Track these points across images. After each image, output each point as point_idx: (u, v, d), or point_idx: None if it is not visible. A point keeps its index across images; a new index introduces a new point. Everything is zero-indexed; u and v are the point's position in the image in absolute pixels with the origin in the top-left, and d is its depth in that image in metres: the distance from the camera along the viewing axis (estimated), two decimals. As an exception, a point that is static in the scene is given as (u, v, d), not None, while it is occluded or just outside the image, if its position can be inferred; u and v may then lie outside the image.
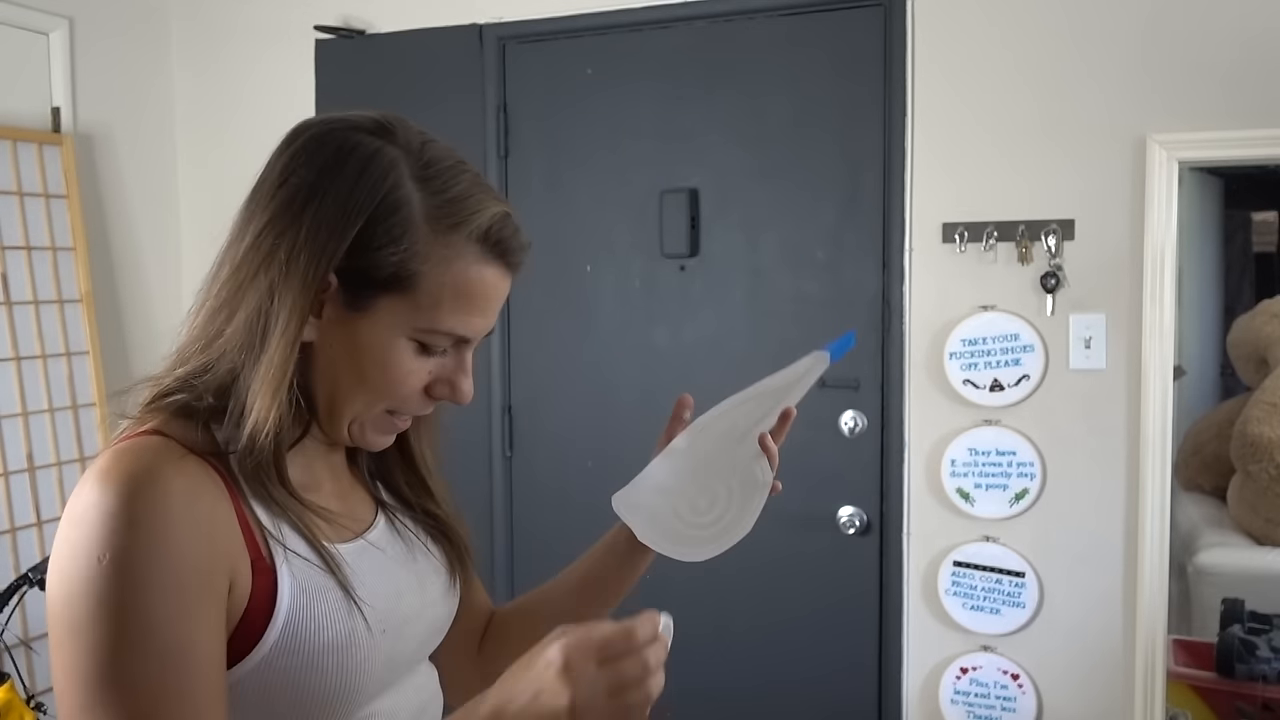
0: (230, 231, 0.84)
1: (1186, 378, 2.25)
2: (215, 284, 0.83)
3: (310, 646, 0.80)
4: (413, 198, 0.81)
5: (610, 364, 2.54)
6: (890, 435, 2.31)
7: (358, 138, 0.83)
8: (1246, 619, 2.15)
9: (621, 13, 2.47)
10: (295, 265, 0.79)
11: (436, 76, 2.63)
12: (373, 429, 0.88)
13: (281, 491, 0.82)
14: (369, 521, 0.93)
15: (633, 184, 2.49)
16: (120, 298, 2.86)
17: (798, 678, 2.43)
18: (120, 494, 0.73)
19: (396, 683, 0.91)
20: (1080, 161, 2.14)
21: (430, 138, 0.86)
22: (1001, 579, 2.22)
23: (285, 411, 0.80)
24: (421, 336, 0.83)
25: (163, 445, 0.78)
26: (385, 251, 0.80)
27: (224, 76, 2.93)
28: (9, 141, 2.52)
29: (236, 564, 0.78)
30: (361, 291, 0.81)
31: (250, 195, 0.84)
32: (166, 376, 0.84)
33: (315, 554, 0.82)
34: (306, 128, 0.85)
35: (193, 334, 0.84)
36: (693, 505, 1.02)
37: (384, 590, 0.88)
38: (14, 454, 2.48)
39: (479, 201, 0.84)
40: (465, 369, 0.88)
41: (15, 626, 2.32)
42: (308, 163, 0.82)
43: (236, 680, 0.79)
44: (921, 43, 2.24)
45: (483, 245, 0.84)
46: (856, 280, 2.33)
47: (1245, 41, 2.02)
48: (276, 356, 0.79)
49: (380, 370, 0.83)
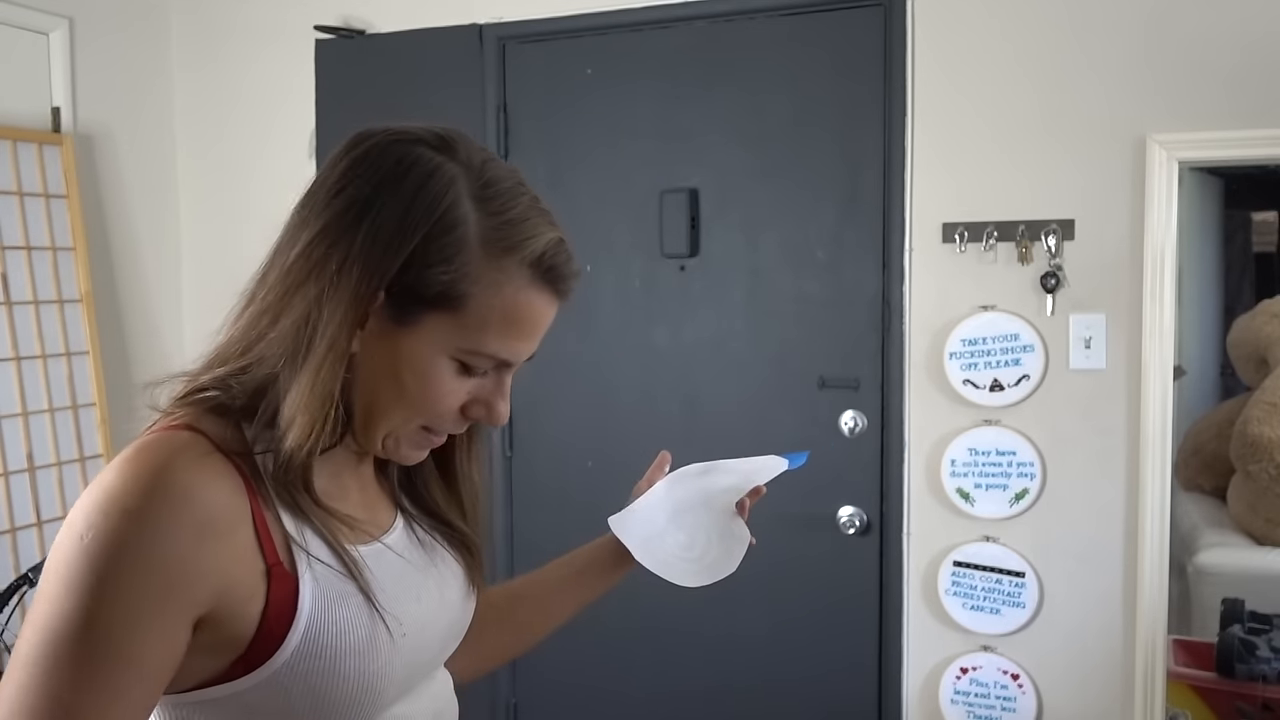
0: (281, 235, 0.84)
1: (1186, 378, 2.25)
2: (262, 287, 0.83)
3: (332, 652, 0.79)
4: (469, 217, 0.80)
5: (610, 364, 2.54)
6: (890, 435, 2.31)
7: (419, 151, 0.81)
8: (1246, 619, 2.15)
9: (621, 13, 2.47)
10: (347, 277, 0.78)
11: (436, 76, 2.62)
12: (408, 443, 0.87)
13: (307, 499, 0.81)
14: (387, 526, 0.92)
15: (633, 184, 2.49)
16: (120, 298, 2.86)
17: (798, 678, 2.43)
18: (127, 484, 0.73)
19: (414, 688, 0.91)
20: (1080, 161, 2.14)
21: (491, 156, 0.85)
22: (1001, 579, 2.22)
23: (326, 422, 0.79)
24: (464, 357, 0.82)
25: (189, 442, 0.77)
26: (436, 270, 0.79)
27: (224, 76, 2.93)
28: (9, 141, 2.52)
29: (239, 571, 0.77)
30: (408, 306, 0.80)
31: (304, 200, 0.83)
32: (204, 373, 0.83)
33: (337, 559, 0.82)
34: (367, 136, 0.84)
35: (233, 335, 0.83)
36: (677, 541, 1.10)
37: (403, 594, 0.87)
38: (14, 454, 2.48)
39: (535, 226, 0.83)
40: (504, 392, 0.87)
41: (15, 626, 2.32)
42: (366, 173, 0.81)
43: (257, 685, 0.78)
44: (922, 42, 2.24)
45: (535, 271, 0.83)
46: (856, 280, 2.33)
47: (1246, 42, 2.02)
48: (323, 369, 0.78)
49: (419, 387, 0.82)
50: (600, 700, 2.61)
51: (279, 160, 2.84)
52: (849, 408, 2.34)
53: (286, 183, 3.05)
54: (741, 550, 1.09)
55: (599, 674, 2.59)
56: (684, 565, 1.07)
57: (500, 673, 2.66)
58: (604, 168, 2.52)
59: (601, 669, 2.58)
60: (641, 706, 2.57)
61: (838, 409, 2.35)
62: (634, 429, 2.54)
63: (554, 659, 2.52)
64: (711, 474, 1.18)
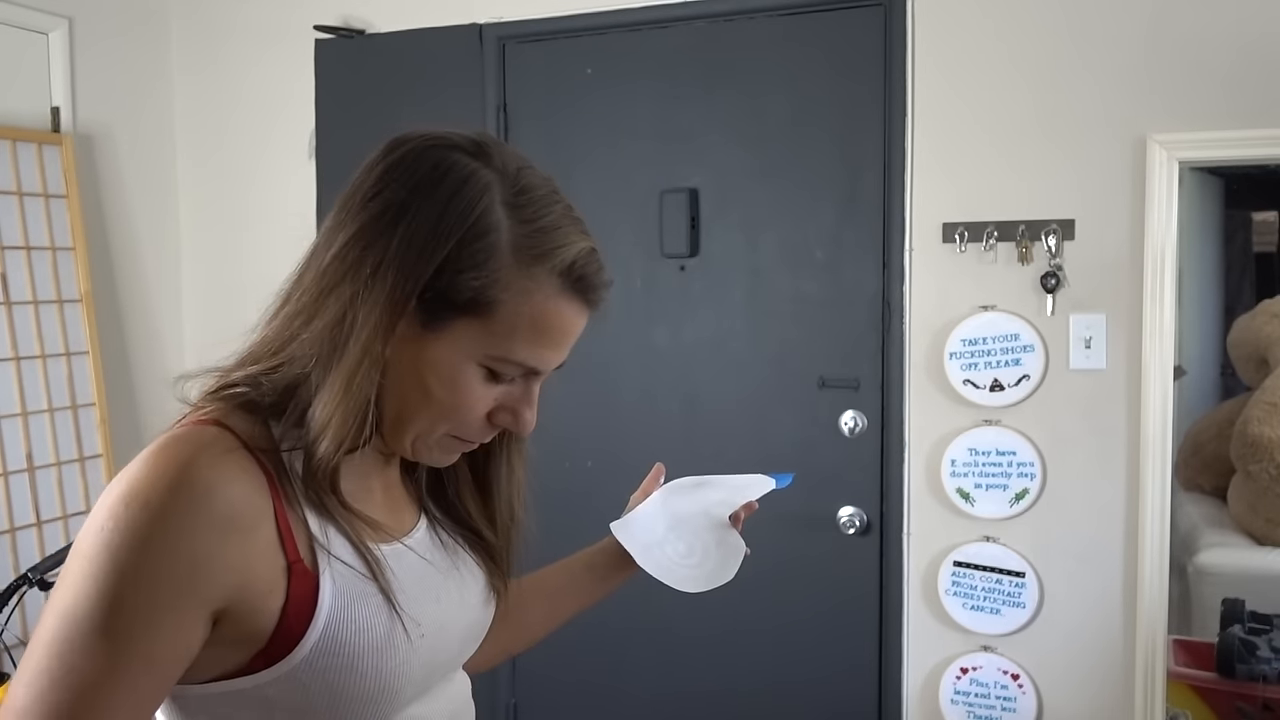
0: (317, 237, 0.84)
1: (1186, 378, 2.25)
2: (297, 288, 0.83)
3: (349, 649, 0.81)
4: (502, 224, 0.81)
5: (610, 364, 2.54)
6: (890, 435, 2.31)
7: (454, 157, 0.82)
8: (1246, 619, 2.15)
9: (621, 13, 2.47)
10: (381, 281, 0.79)
11: (436, 76, 2.62)
12: (437, 448, 0.88)
13: (333, 499, 0.82)
14: (410, 529, 0.93)
15: (633, 184, 2.49)
16: (120, 298, 2.86)
17: (798, 678, 2.43)
18: (150, 477, 0.74)
19: (431, 689, 0.92)
20: (1080, 161, 2.14)
21: (527, 163, 0.86)
22: (1001, 579, 2.22)
23: (356, 424, 0.80)
24: (492, 364, 0.83)
25: (215, 437, 0.78)
26: (467, 275, 0.79)
27: (223, 76, 2.93)
28: (9, 141, 2.52)
29: (259, 567, 0.77)
30: (439, 312, 0.81)
31: (341, 203, 0.84)
32: (235, 370, 0.84)
33: (359, 558, 0.83)
34: (404, 141, 0.84)
35: (267, 335, 0.84)
36: (677, 549, 1.13)
37: (423, 595, 0.88)
38: (14, 454, 2.48)
39: (566, 235, 0.84)
40: (531, 400, 0.88)
41: (15, 627, 2.32)
42: (402, 178, 0.81)
43: (276, 679, 0.79)
44: (921, 42, 2.24)
45: (564, 280, 0.83)
46: (856, 280, 2.33)
47: (1245, 42, 2.02)
48: (358, 373, 0.79)
49: (447, 392, 0.83)
50: (600, 700, 2.61)
51: (279, 161, 2.84)
52: (849, 408, 2.34)
53: (286, 183, 3.07)
54: (738, 560, 1.13)
55: (599, 674, 2.59)
56: (684, 571, 1.11)
57: (500, 672, 2.66)
58: (604, 168, 2.52)
59: (601, 669, 2.58)
60: (641, 706, 2.57)
61: (838, 409, 2.34)
62: (634, 429, 2.54)
63: (554, 659, 2.52)
64: (704, 488, 1.22)
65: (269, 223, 2.84)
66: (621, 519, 1.16)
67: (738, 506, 1.18)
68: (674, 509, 1.17)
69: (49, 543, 2.52)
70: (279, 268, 0.87)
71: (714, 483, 1.23)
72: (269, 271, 0.88)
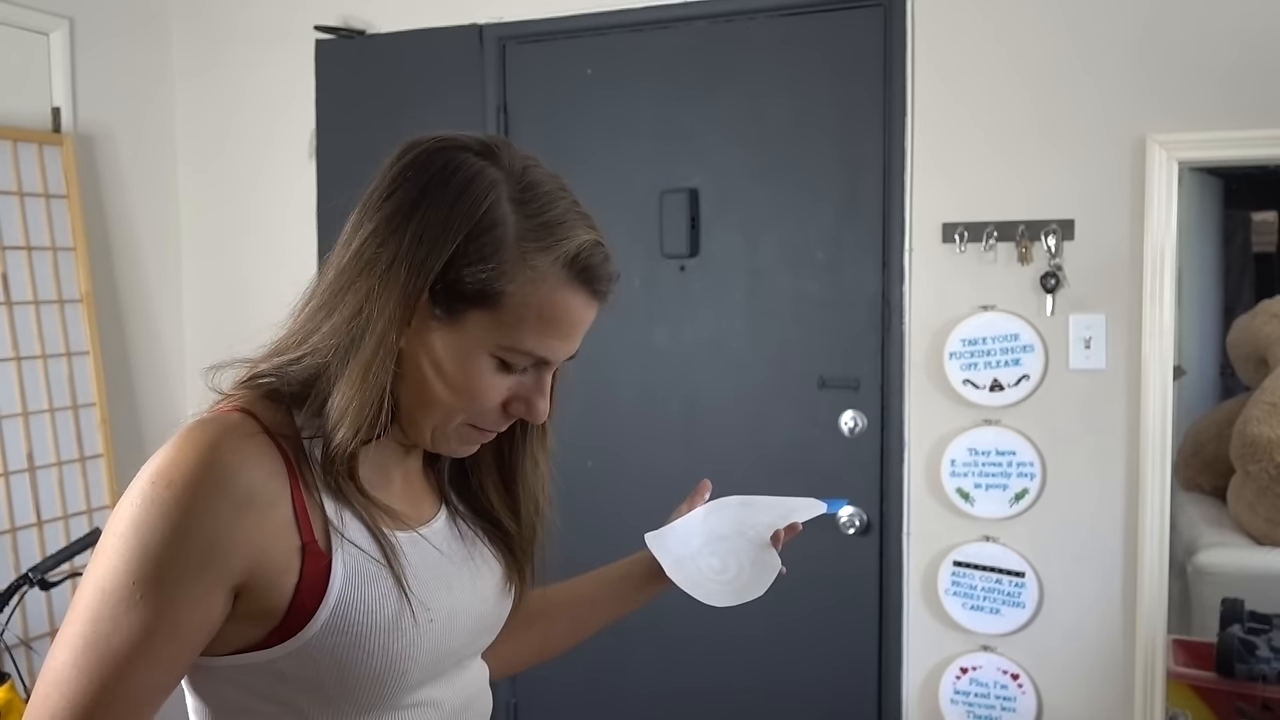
0: (341, 236, 0.89)
1: (1186, 378, 2.25)
2: (321, 285, 0.89)
3: (358, 628, 0.84)
4: (508, 218, 0.84)
5: (610, 364, 2.54)
6: (890, 435, 2.31)
7: (463, 157, 0.86)
8: (1246, 619, 2.15)
9: (621, 13, 2.47)
10: (395, 275, 0.83)
11: (436, 76, 2.63)
12: (455, 438, 0.91)
13: (350, 485, 0.86)
14: (428, 519, 0.96)
15: (633, 184, 2.49)
16: (120, 298, 2.86)
17: (798, 677, 2.43)
18: (176, 459, 0.79)
19: (444, 674, 0.95)
20: (1080, 162, 2.14)
21: (534, 162, 0.89)
22: (1001, 579, 2.22)
23: (372, 413, 0.84)
24: (503, 354, 0.87)
25: (239, 423, 0.83)
26: (475, 268, 0.83)
27: (224, 76, 2.93)
28: (9, 141, 2.52)
29: (275, 546, 0.82)
30: (451, 304, 0.85)
31: (361, 204, 0.89)
32: (263, 361, 0.89)
33: (373, 541, 0.87)
34: (417, 144, 0.89)
35: (293, 328, 0.89)
36: (710, 565, 1.14)
37: (434, 582, 0.91)
38: (14, 454, 2.49)
39: (571, 227, 0.87)
40: (543, 390, 0.92)
41: (15, 626, 2.33)
42: (414, 178, 0.86)
43: (289, 654, 0.83)
44: (921, 43, 2.24)
45: (569, 270, 0.86)
46: (856, 280, 2.33)
47: (1245, 41, 2.02)
48: (374, 364, 0.83)
49: (461, 382, 0.87)
50: (600, 700, 2.61)
51: (279, 162, 2.84)
52: (849, 408, 2.34)
53: (287, 184, 3.07)
54: (771, 577, 1.12)
55: (599, 674, 2.59)
56: (714, 586, 1.11)
57: (500, 673, 2.66)
58: (604, 168, 2.52)
59: (601, 669, 2.58)
60: (642, 706, 2.57)
61: (838, 409, 2.35)
62: (634, 429, 2.54)
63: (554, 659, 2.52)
64: (750, 507, 1.22)
65: (269, 223, 2.83)
66: (658, 530, 1.16)
67: (781, 527, 1.17)
68: (714, 526, 1.18)
69: (49, 543, 2.52)
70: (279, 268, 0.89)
71: (760, 503, 1.23)
72: (269, 271, 0.90)
